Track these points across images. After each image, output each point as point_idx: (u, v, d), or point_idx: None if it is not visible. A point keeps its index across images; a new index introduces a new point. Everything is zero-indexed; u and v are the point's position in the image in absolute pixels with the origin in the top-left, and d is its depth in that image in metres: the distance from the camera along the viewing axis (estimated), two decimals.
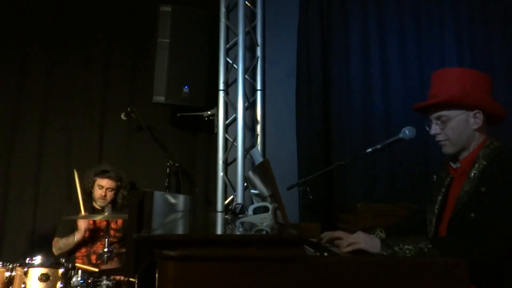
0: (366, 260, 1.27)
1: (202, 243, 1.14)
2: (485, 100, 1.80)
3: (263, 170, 1.64)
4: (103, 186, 3.41)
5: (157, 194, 1.97)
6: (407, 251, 1.55)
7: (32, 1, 4.00)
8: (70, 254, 3.32)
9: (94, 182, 3.43)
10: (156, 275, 1.13)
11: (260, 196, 2.09)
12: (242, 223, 1.48)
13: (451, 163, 1.87)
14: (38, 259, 2.81)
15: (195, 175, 4.03)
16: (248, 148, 3.71)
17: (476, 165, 1.74)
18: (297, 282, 1.14)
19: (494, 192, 1.63)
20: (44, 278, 2.73)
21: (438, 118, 1.82)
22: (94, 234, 3.38)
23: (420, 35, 3.70)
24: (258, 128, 3.86)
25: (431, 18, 3.73)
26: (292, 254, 1.14)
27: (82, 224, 3.25)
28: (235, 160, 3.64)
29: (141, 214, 1.22)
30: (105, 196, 3.41)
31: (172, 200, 2.59)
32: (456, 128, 1.78)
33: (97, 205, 3.44)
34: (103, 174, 3.43)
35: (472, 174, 1.73)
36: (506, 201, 1.60)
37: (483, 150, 1.76)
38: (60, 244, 3.31)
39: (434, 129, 1.83)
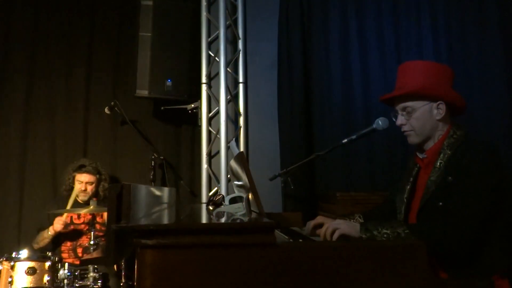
0: (333, 244, 1.35)
1: (178, 232, 1.21)
2: (447, 91, 1.87)
3: (240, 161, 1.70)
4: (82, 181, 3.47)
5: (141, 187, 2.02)
6: (385, 235, 1.60)
7: None
8: (56, 247, 3.36)
9: (73, 177, 3.48)
10: (135, 263, 1.19)
11: (244, 187, 2.16)
12: (218, 213, 1.54)
13: (417, 153, 1.94)
14: (24, 253, 2.87)
15: (180, 168, 4.08)
16: (232, 140, 3.77)
17: (442, 155, 1.81)
18: (267, 267, 1.21)
19: (460, 181, 1.69)
20: (31, 271, 2.78)
21: (404, 109, 1.89)
22: (79, 228, 3.42)
23: (398, 26, 3.78)
24: (241, 120, 3.91)
25: (409, 10, 3.80)
26: (262, 240, 1.21)
27: (59, 219, 3.27)
28: (218, 152, 3.70)
29: (120, 206, 1.29)
30: (85, 190, 3.47)
31: (157, 193, 2.65)
32: (420, 119, 1.85)
33: (79, 199, 3.48)
34: (80, 169, 3.48)
35: (438, 163, 1.80)
36: (471, 191, 1.67)
37: (447, 140, 1.83)
38: (37, 238, 3.35)
39: (400, 119, 1.90)
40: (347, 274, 1.26)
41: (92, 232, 3.05)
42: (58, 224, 3.26)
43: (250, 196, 1.79)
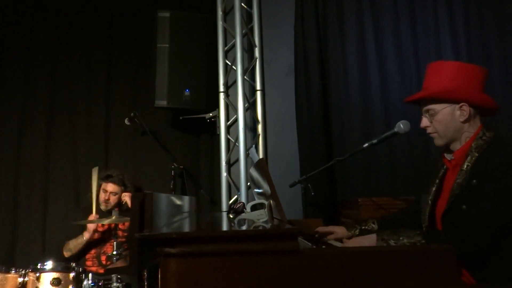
0: (358, 250, 1.33)
1: (201, 240, 1.21)
2: (471, 93, 1.83)
3: (261, 168, 1.70)
4: (107, 191, 3.51)
5: (162, 196, 2.04)
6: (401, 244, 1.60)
7: (33, 11, 4.09)
8: (80, 256, 3.41)
9: (100, 186, 3.53)
10: (159, 272, 1.19)
11: (264, 195, 2.16)
12: (240, 220, 1.54)
13: (445, 154, 1.91)
14: (49, 264, 2.89)
15: (200, 177, 4.11)
16: (250, 147, 3.77)
17: (469, 157, 1.77)
18: (292, 274, 1.20)
19: (484, 185, 1.66)
20: (56, 282, 2.81)
21: (427, 111, 1.88)
22: (103, 236, 3.47)
23: (415, 29, 3.73)
24: (259, 127, 3.91)
25: (426, 12, 3.76)
26: (286, 247, 1.20)
27: (91, 225, 3.33)
28: (237, 160, 3.70)
29: (142, 214, 1.29)
30: (108, 199, 3.50)
31: (178, 202, 2.67)
32: (443, 121, 1.84)
33: (100, 207, 3.52)
34: (107, 178, 3.53)
35: (465, 166, 1.77)
36: (493, 195, 1.64)
37: (476, 142, 1.80)
38: (70, 245, 3.40)
39: (424, 122, 1.90)
40: (373, 279, 1.24)
41: (115, 241, 3.07)
42: (91, 227, 3.32)
43: (271, 203, 1.78)
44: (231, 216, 2.36)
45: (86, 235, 3.35)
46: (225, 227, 2.07)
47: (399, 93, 3.62)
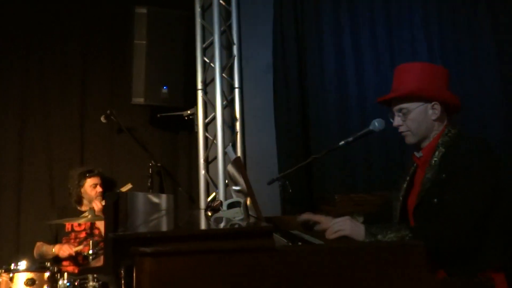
0: (332, 247, 1.35)
1: (176, 238, 1.21)
2: (442, 92, 1.90)
3: (237, 166, 1.70)
4: (96, 184, 3.51)
5: (139, 195, 2.02)
6: (389, 240, 1.62)
7: (5, 7, 3.98)
8: (57, 257, 3.35)
9: (84, 184, 3.48)
10: (134, 271, 1.19)
11: (242, 192, 2.16)
12: (216, 219, 1.54)
13: (415, 152, 1.97)
14: (23, 264, 2.85)
15: (178, 174, 4.08)
16: (228, 145, 3.77)
17: (436, 153, 1.84)
18: (267, 271, 1.21)
19: (453, 179, 1.72)
20: (30, 282, 2.77)
21: (400, 110, 1.93)
22: (80, 235, 3.42)
23: (391, 28, 3.79)
24: (237, 125, 3.91)
25: (401, 10, 3.82)
26: (261, 244, 1.21)
27: (67, 249, 3.26)
28: (216, 158, 3.70)
29: (117, 214, 1.28)
30: (102, 191, 3.51)
31: (155, 200, 2.65)
32: (416, 119, 1.89)
33: (98, 204, 3.46)
34: (91, 173, 3.51)
35: (433, 161, 1.83)
36: (464, 187, 1.69)
37: (442, 138, 1.87)
38: (41, 252, 3.36)
39: (397, 121, 1.95)
40: (347, 276, 1.26)
41: (91, 241, 3.04)
42: (65, 252, 3.25)
43: (248, 201, 1.79)
44: (209, 214, 2.36)
45: (56, 251, 3.29)
46: (203, 225, 2.07)
47: (376, 92, 3.67)
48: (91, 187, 3.51)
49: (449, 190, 1.71)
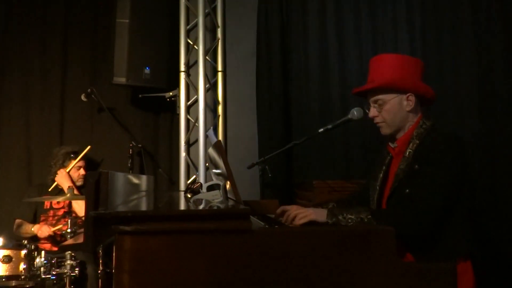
0: (304, 230, 1.40)
1: (155, 218, 1.24)
2: (416, 83, 1.94)
3: (218, 149, 1.73)
4: (80, 166, 3.53)
5: (119, 175, 2.04)
6: (349, 220, 1.67)
7: None
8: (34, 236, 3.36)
9: (68, 165, 3.49)
10: (114, 249, 1.22)
11: (222, 175, 2.20)
12: (196, 200, 1.58)
13: (389, 143, 2.02)
14: None
15: (158, 156, 4.08)
16: (210, 128, 3.79)
17: (411, 144, 1.89)
18: (243, 252, 1.26)
19: (425, 169, 1.78)
20: (6, 260, 2.76)
21: (375, 101, 1.96)
22: (58, 213, 3.42)
23: (374, 17, 3.83)
24: (220, 109, 3.93)
25: (385, 2, 3.86)
26: (238, 226, 1.25)
27: (46, 230, 3.28)
28: (197, 140, 3.72)
29: (98, 193, 1.30)
30: (84, 174, 3.52)
31: (135, 181, 2.67)
32: (391, 111, 1.93)
33: (77, 184, 3.49)
34: (76, 154, 3.52)
35: (407, 152, 1.88)
36: (433, 177, 1.75)
37: (417, 130, 1.91)
38: (20, 230, 3.37)
39: (372, 112, 1.98)
40: (318, 259, 1.32)
41: (69, 219, 3.04)
42: (44, 233, 3.27)
43: (227, 184, 1.83)
44: (189, 196, 2.39)
45: (36, 230, 3.30)
46: (182, 207, 2.11)
47: (357, 80, 3.72)
48: (74, 168, 3.50)
49: (419, 179, 1.77)
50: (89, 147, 3.63)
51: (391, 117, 1.93)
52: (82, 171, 3.55)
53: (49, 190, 3.46)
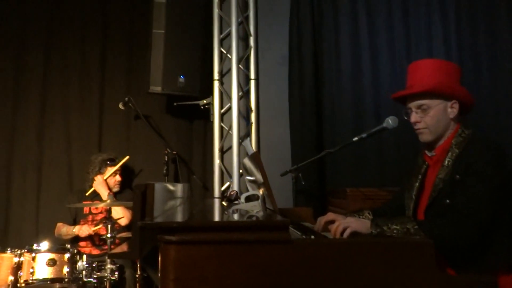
0: (344, 241, 1.42)
1: (199, 228, 1.29)
2: (460, 90, 1.91)
3: (254, 160, 1.77)
4: (116, 173, 3.66)
5: (158, 184, 2.11)
6: (395, 231, 1.65)
7: None
8: (74, 238, 3.49)
9: (104, 172, 3.64)
10: (159, 258, 1.28)
11: (256, 183, 2.24)
12: (235, 210, 1.62)
13: (426, 151, 1.98)
14: (45, 245, 2.98)
15: (192, 162, 4.17)
16: (243, 136, 3.84)
17: (450, 153, 1.85)
18: (282, 262, 1.29)
19: (467, 180, 1.75)
20: (51, 263, 2.89)
21: (419, 107, 1.91)
22: (97, 218, 3.56)
23: (408, 23, 3.80)
24: (253, 116, 3.98)
25: (419, 6, 3.82)
26: (278, 237, 1.29)
27: (87, 229, 3.42)
28: (230, 147, 3.77)
29: (144, 203, 1.37)
30: (120, 180, 3.68)
31: (171, 188, 2.75)
32: (435, 117, 1.89)
33: (113, 190, 3.63)
34: (113, 162, 3.65)
35: (446, 162, 1.85)
36: (477, 189, 1.72)
37: (456, 139, 1.87)
38: (61, 232, 3.50)
39: (414, 117, 1.93)
40: (357, 270, 1.33)
41: (109, 224, 3.15)
42: (84, 232, 3.41)
43: (261, 191, 1.87)
44: (225, 204, 2.45)
45: (77, 231, 3.44)
46: (217, 214, 2.16)
47: (391, 86, 3.70)
48: (111, 175, 3.63)
49: (462, 191, 1.74)
50: (127, 157, 3.75)
51: (434, 123, 1.89)
52: (118, 178, 3.68)
53: (86, 195, 3.60)
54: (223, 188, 3.87)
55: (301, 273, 1.31)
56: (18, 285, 2.88)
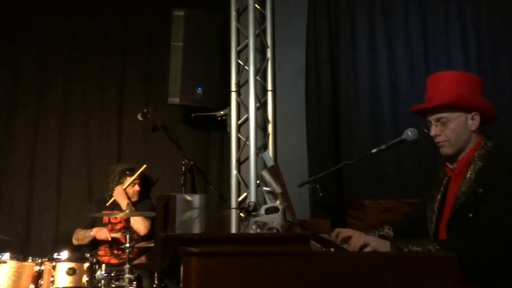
0: (365, 254, 1.41)
1: (221, 240, 1.30)
2: (481, 102, 1.88)
3: (274, 172, 1.78)
4: (135, 183, 3.71)
5: (178, 196, 2.14)
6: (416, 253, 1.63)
7: (49, 7, 4.17)
8: (94, 245, 3.53)
9: (124, 182, 3.69)
10: (181, 269, 1.29)
11: (272, 194, 2.24)
12: (255, 222, 1.63)
13: (448, 163, 1.96)
14: (65, 254, 3.01)
15: (209, 173, 4.20)
16: (260, 147, 3.85)
17: (472, 166, 1.83)
18: (304, 275, 1.29)
19: (491, 194, 1.71)
20: (71, 272, 2.93)
21: (438, 120, 1.90)
22: (116, 227, 3.60)
23: (426, 35, 3.78)
24: (270, 127, 3.99)
25: (436, 15, 3.80)
26: (299, 250, 1.29)
27: (105, 232, 3.47)
28: (247, 158, 3.79)
29: (166, 215, 1.38)
30: (139, 190, 3.72)
31: (189, 198, 2.77)
32: (456, 129, 1.87)
33: (132, 200, 3.67)
34: (132, 172, 3.71)
35: (469, 174, 1.82)
36: (501, 203, 1.69)
37: (478, 151, 1.85)
38: (79, 235, 3.55)
39: (434, 130, 1.91)
40: (379, 284, 1.32)
41: (127, 234, 3.18)
42: (102, 235, 3.46)
43: (278, 202, 1.87)
44: (242, 215, 2.45)
45: (94, 233, 3.47)
46: (235, 225, 2.17)
47: (408, 98, 3.68)
48: (130, 185, 3.67)
49: (485, 205, 1.71)
50: (145, 166, 3.79)
51: (455, 136, 1.87)
52: (137, 187, 3.72)
53: (107, 205, 3.65)
54: (240, 199, 3.87)
55: (322, 286, 1.31)
56: None
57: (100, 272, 3.01)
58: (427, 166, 3.51)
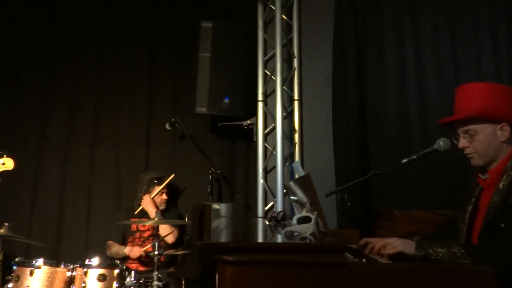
0: (400, 265, 1.40)
1: (256, 249, 1.31)
2: (510, 112, 1.86)
3: (305, 182, 1.79)
4: (163, 192, 3.76)
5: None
6: (440, 254, 1.62)
7: (79, 16, 4.31)
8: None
9: (152, 190, 3.75)
10: (216, 277, 1.31)
11: (299, 202, 2.25)
12: (287, 232, 1.64)
13: (479, 174, 1.94)
14: (96, 261, 3.08)
15: (236, 182, 4.23)
16: (287, 156, 3.86)
17: (504, 176, 1.81)
18: (337, 285, 1.29)
19: None
20: (101, 278, 2.99)
21: (466, 132, 1.89)
22: (144, 235, 3.65)
23: (456, 44, 3.73)
24: (296, 137, 4.00)
25: (465, 23, 3.76)
26: (334, 260, 1.29)
27: (138, 250, 3.53)
28: (274, 167, 3.80)
29: (202, 223, 1.41)
30: (167, 199, 3.77)
31: (216, 207, 2.81)
32: (484, 141, 1.86)
33: (160, 208, 3.73)
34: (160, 181, 3.76)
35: (501, 185, 1.80)
36: None
37: (511, 162, 1.83)
38: (112, 251, 3.63)
39: (462, 142, 1.91)
40: None
41: (156, 242, 3.23)
42: (136, 254, 3.52)
43: (304, 211, 1.87)
44: (270, 224, 2.47)
45: (127, 252, 3.55)
46: (262, 234, 2.18)
47: (437, 106, 3.63)
48: (157, 193, 3.73)
49: None
50: (173, 175, 3.85)
51: (483, 148, 1.86)
52: (164, 196, 3.78)
53: (135, 213, 3.72)
54: (266, 208, 3.88)
55: None
56: None
57: (130, 279, 3.06)
58: (457, 177, 3.45)
